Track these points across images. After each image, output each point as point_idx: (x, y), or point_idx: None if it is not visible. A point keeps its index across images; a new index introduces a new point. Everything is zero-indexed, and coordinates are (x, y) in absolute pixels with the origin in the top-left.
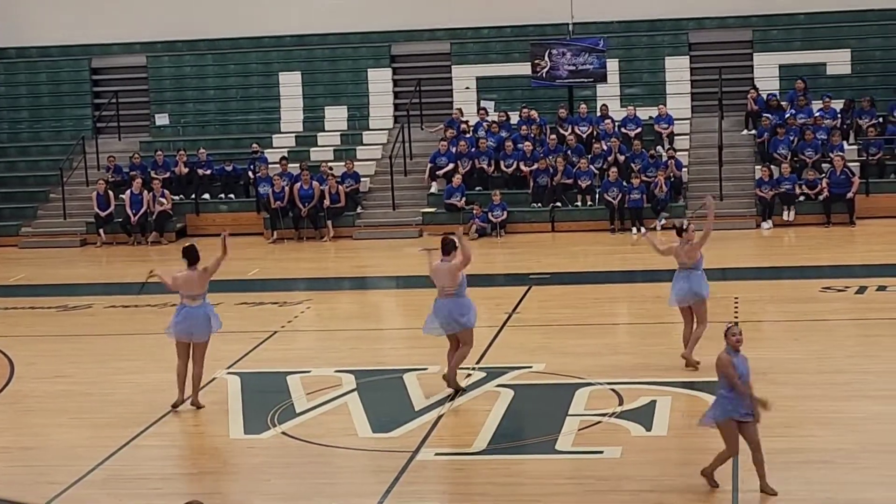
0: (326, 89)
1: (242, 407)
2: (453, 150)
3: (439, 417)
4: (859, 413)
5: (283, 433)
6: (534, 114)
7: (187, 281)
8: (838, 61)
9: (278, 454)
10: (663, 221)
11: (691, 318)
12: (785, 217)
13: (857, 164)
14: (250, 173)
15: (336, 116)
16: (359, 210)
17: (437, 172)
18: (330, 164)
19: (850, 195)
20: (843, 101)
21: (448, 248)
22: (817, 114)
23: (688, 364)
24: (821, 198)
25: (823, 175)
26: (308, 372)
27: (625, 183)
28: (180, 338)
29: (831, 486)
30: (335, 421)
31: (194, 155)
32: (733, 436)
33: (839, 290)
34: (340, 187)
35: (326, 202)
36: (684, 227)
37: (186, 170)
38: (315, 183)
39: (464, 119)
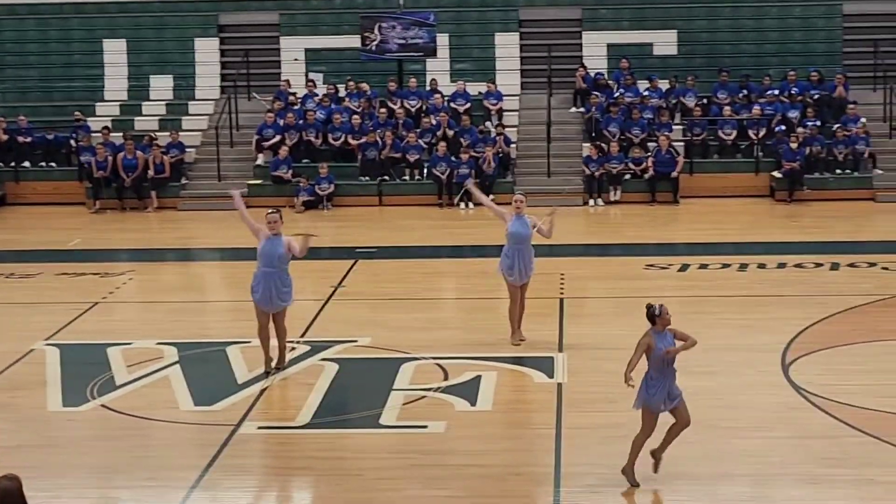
0: (152, 58)
1: (61, 379)
2: (281, 122)
3: (263, 391)
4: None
5: (103, 406)
6: (364, 86)
7: None
8: (665, 42)
9: (98, 427)
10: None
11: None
12: (612, 196)
13: (682, 143)
14: (72, 142)
15: (161, 86)
16: (184, 181)
17: (264, 144)
18: (155, 133)
19: (674, 174)
20: (668, 81)
21: None
22: (644, 93)
23: (519, 339)
24: (646, 176)
25: (649, 154)
26: (129, 344)
27: (453, 158)
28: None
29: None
30: (157, 394)
31: (14, 122)
32: (653, 420)
33: (663, 268)
34: (165, 157)
35: (151, 172)
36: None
37: (6, 137)
38: (139, 153)
39: (292, 91)
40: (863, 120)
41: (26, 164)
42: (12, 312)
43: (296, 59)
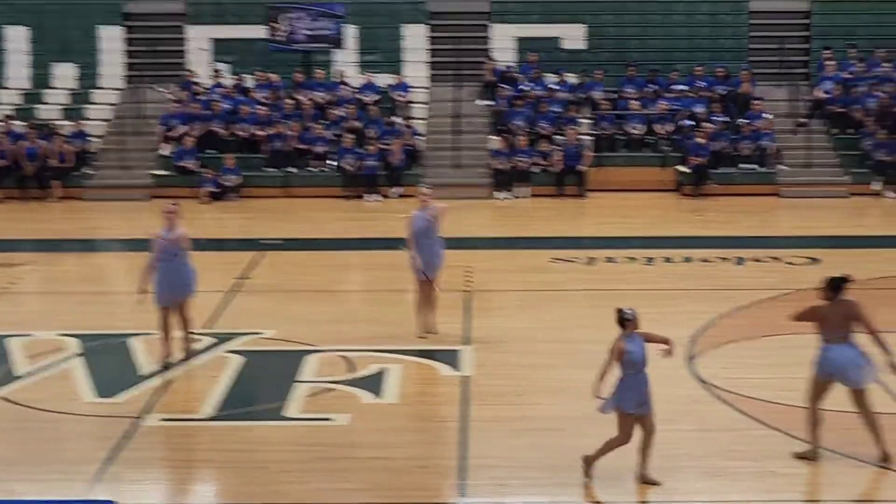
0: (55, 45)
1: None
2: (186, 112)
3: (167, 382)
4: (588, 381)
5: (3, 398)
6: (271, 76)
7: None
8: (573, 36)
9: None
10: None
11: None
12: (519, 188)
13: (590, 137)
14: None
15: (64, 74)
16: (88, 171)
17: (169, 134)
18: (57, 122)
19: (581, 167)
20: (576, 75)
21: None
22: (552, 87)
23: (427, 331)
24: (554, 170)
25: (557, 147)
26: (30, 335)
27: (360, 150)
28: None
29: (558, 452)
30: (58, 385)
31: None
32: (629, 425)
33: (569, 261)
34: (68, 147)
35: (53, 162)
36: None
37: None
38: (41, 142)
39: (196, 80)
40: (768, 116)
41: None
42: None
43: (202, 49)
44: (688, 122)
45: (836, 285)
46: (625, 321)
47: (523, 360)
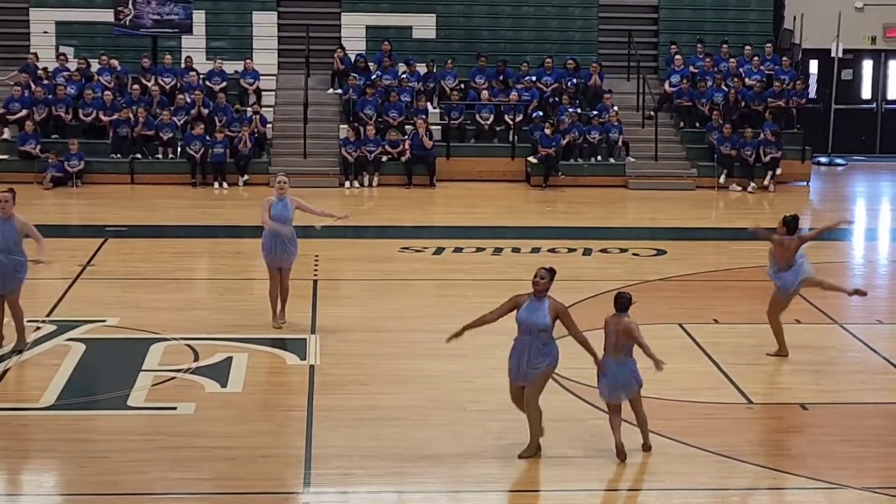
0: None
1: None
2: (28, 95)
3: (5, 371)
4: (434, 371)
5: None
6: (114, 62)
7: None
8: (424, 25)
9: None
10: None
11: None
12: (368, 179)
13: (440, 127)
14: None
15: None
16: None
17: (9, 118)
18: None
19: (430, 157)
20: (426, 64)
21: None
22: (402, 76)
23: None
24: (403, 159)
25: (406, 137)
26: None
27: (208, 137)
28: None
29: (402, 441)
30: None
31: None
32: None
33: (418, 251)
34: None
35: None
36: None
37: None
38: None
39: (42, 66)
40: (615, 108)
41: None
42: None
43: (45, 32)
44: (538, 113)
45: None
46: (629, 305)
47: (369, 349)
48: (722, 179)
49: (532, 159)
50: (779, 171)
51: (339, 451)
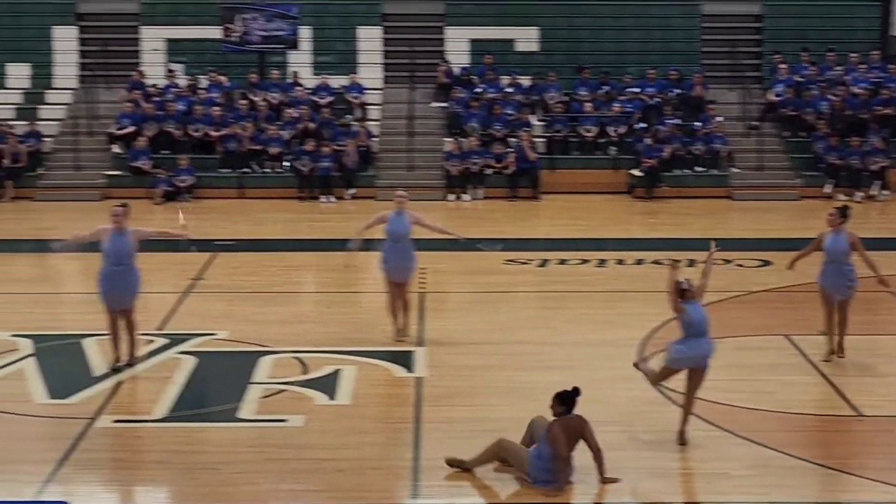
0: (8, 45)
1: None
2: (139, 112)
3: (119, 384)
4: (538, 384)
5: None
6: (223, 78)
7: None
8: (527, 38)
9: None
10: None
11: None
12: (472, 191)
13: (543, 139)
14: None
15: (18, 74)
16: (40, 171)
17: (118, 134)
18: (10, 122)
19: (535, 170)
20: (530, 77)
21: None
22: (506, 89)
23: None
24: (507, 172)
25: (510, 149)
26: None
27: (315, 151)
28: None
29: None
30: (10, 386)
31: None
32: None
33: (523, 263)
34: (21, 147)
35: (6, 162)
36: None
37: None
38: None
39: (147, 81)
40: (719, 119)
41: None
42: None
43: (155, 49)
44: (641, 125)
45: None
46: (684, 291)
47: (475, 361)
48: (828, 189)
49: (635, 171)
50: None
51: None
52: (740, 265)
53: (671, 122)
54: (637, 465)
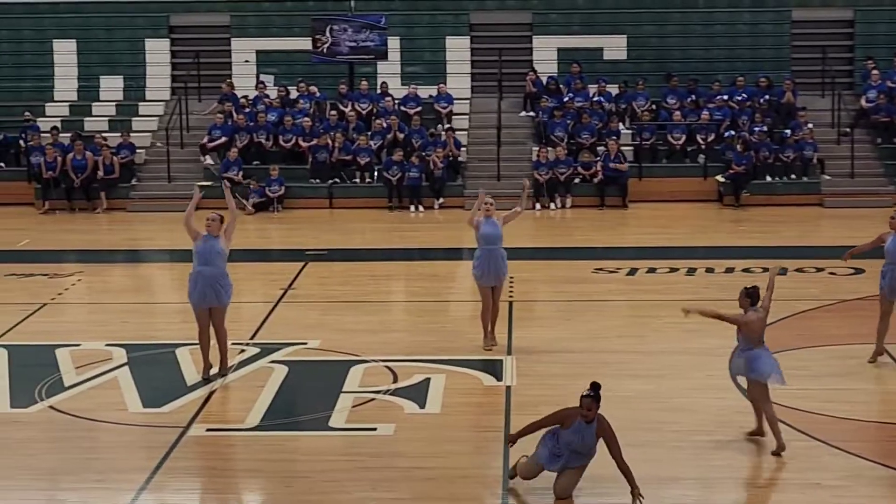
0: (102, 58)
1: (9, 380)
2: (230, 123)
3: (212, 393)
4: (626, 392)
5: (51, 407)
6: (313, 89)
7: None
8: (615, 47)
9: (46, 428)
10: None
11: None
12: (560, 200)
13: (632, 148)
14: (21, 142)
15: (111, 86)
16: (133, 182)
17: (209, 145)
18: (104, 134)
19: (623, 178)
20: (618, 85)
21: None
22: (594, 98)
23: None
24: (595, 180)
25: (598, 158)
26: (78, 345)
27: (404, 161)
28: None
29: (597, 462)
30: (105, 395)
31: None
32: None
33: (611, 272)
34: (115, 158)
35: (100, 173)
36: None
37: None
38: (88, 153)
39: (238, 92)
40: (810, 125)
41: None
42: None
43: (246, 61)
44: (730, 132)
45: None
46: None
47: (564, 370)
48: None
49: (720, 178)
50: None
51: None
52: (832, 273)
53: (759, 129)
54: (727, 474)
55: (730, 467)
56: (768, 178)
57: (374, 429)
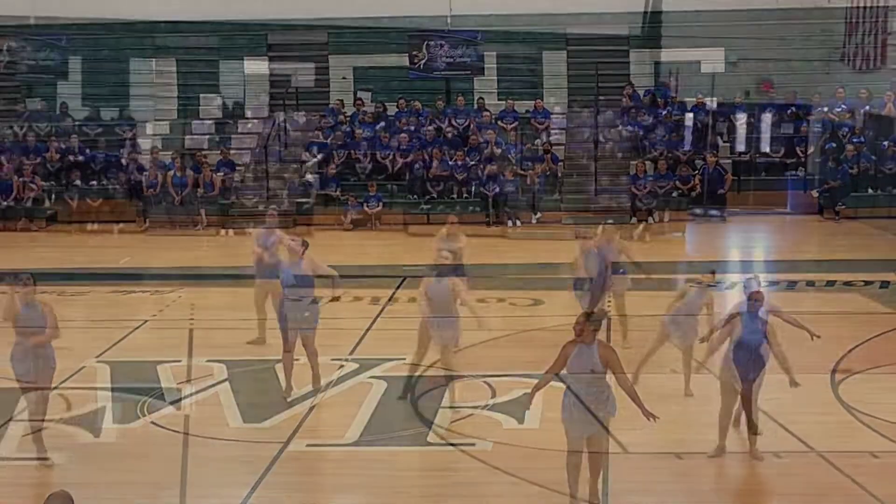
0: (201, 77)
1: (111, 396)
2: (329, 140)
3: (311, 408)
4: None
5: (153, 423)
6: (416, 105)
7: None
8: (712, 59)
9: (147, 444)
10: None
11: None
12: (658, 214)
13: (729, 161)
14: (123, 160)
15: (211, 104)
16: (233, 199)
17: (312, 162)
18: (204, 152)
19: (722, 191)
20: (716, 99)
21: None
22: (691, 111)
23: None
24: (693, 194)
25: (697, 171)
26: (179, 361)
27: (501, 176)
28: None
29: (698, 478)
30: (206, 411)
31: (66, 141)
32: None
33: (710, 286)
34: (215, 176)
35: (200, 190)
36: None
37: (58, 156)
38: (189, 171)
39: (343, 110)
40: None
41: (77, 182)
42: (63, 330)
43: (344, 78)
44: (829, 145)
45: None
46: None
47: (660, 381)
48: None
49: (814, 193)
50: None
51: (635, 487)
52: None
53: (858, 140)
54: (829, 491)
55: (833, 484)
56: (869, 191)
57: (473, 444)
